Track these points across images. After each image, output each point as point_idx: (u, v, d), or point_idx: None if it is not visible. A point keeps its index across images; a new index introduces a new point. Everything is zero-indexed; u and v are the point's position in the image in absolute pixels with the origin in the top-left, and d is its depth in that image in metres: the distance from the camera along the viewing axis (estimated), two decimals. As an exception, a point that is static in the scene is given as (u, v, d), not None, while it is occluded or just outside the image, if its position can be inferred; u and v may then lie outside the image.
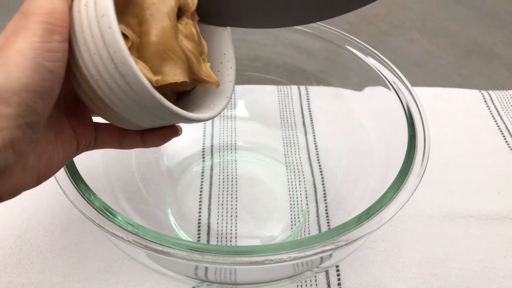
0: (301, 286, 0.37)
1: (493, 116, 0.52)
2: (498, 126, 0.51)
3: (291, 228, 0.41)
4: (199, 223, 0.41)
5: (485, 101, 0.54)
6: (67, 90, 0.24)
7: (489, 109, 0.53)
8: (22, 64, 0.19)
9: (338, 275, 0.37)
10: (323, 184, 0.44)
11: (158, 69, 0.25)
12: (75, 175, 0.29)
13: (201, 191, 0.43)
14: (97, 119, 0.27)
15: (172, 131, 0.28)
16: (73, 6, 0.22)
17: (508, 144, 0.49)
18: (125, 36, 0.24)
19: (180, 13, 0.27)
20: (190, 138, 0.48)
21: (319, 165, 0.45)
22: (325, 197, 0.42)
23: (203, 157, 0.47)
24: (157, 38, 0.25)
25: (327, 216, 0.41)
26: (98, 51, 0.22)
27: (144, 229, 0.26)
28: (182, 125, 0.30)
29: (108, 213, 0.27)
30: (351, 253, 0.35)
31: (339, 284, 0.37)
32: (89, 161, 0.34)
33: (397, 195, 0.29)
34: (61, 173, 0.29)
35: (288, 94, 0.50)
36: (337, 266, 0.38)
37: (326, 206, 0.42)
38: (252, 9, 0.28)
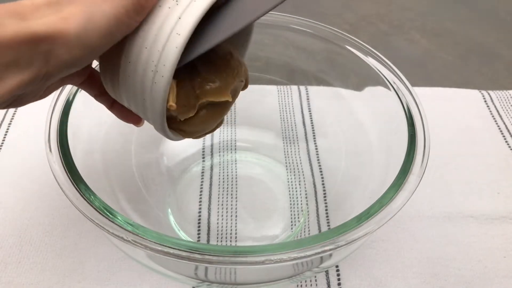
0: (301, 286, 0.37)
1: (493, 116, 0.52)
2: (498, 126, 0.51)
3: (291, 228, 0.41)
4: (199, 223, 0.41)
5: (485, 101, 0.54)
6: None
7: (489, 109, 0.53)
8: (100, 25, 0.21)
9: (338, 275, 0.37)
10: (323, 184, 0.44)
11: (185, 126, 0.27)
12: (75, 175, 0.29)
13: (201, 191, 0.43)
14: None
15: (136, 120, 0.30)
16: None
17: (508, 144, 0.49)
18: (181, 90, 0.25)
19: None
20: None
21: (319, 165, 0.45)
22: (325, 197, 0.42)
23: (203, 157, 0.47)
24: (209, 121, 0.28)
25: (327, 216, 0.41)
26: (151, 49, 0.22)
27: (144, 229, 0.26)
28: None
29: (108, 213, 0.27)
30: (351, 253, 0.35)
31: (339, 284, 0.37)
32: (89, 161, 0.34)
33: (397, 195, 0.29)
34: (61, 173, 0.29)
35: (288, 94, 0.50)
36: (337, 266, 0.38)
37: (326, 206, 0.42)
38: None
